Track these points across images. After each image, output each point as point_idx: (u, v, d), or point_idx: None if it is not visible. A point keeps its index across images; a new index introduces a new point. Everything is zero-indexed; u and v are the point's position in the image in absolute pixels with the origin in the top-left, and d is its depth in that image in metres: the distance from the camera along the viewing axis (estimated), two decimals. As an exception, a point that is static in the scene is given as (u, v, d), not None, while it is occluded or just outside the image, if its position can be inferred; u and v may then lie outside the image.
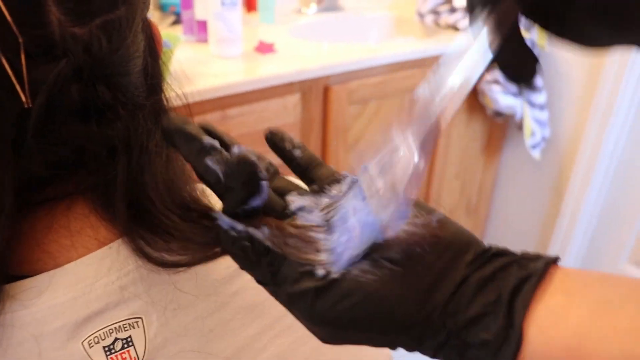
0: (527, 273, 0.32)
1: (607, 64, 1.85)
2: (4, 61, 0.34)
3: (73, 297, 0.41)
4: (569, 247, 2.18)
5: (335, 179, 0.42)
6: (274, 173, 0.44)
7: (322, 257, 0.35)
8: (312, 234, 0.37)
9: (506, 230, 2.44)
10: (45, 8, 0.35)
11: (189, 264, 0.42)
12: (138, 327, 0.43)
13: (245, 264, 0.38)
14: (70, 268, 0.42)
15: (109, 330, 0.42)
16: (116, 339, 0.42)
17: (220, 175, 0.37)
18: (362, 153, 0.38)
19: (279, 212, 0.40)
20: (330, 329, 0.35)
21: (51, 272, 0.42)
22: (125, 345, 0.42)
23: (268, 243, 0.36)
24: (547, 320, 0.30)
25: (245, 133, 1.40)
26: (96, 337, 0.42)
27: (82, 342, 0.41)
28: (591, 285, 0.31)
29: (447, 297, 0.32)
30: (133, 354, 0.43)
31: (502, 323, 0.30)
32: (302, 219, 0.39)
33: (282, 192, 0.42)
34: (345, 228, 0.37)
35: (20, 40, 0.34)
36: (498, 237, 2.47)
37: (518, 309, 0.30)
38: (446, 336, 0.32)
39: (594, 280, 0.31)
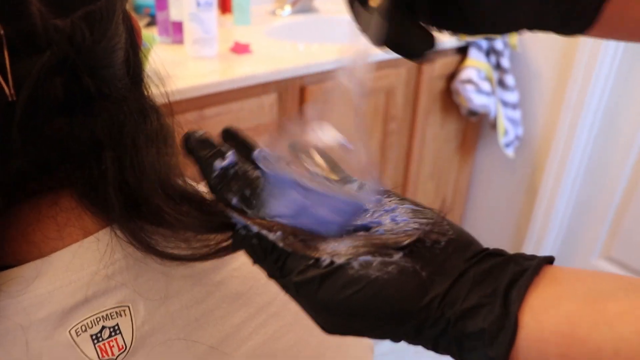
0: (523, 268, 0.33)
1: (576, 64, 1.89)
2: None
3: (60, 286, 0.41)
4: (543, 242, 2.21)
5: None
6: None
7: (325, 250, 0.37)
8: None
9: (481, 228, 2.47)
10: (26, 0, 0.34)
11: (193, 259, 0.43)
12: (125, 315, 0.43)
13: (255, 259, 0.39)
14: (56, 257, 0.42)
15: (96, 318, 0.42)
16: (103, 327, 0.42)
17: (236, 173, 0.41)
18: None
19: None
20: (334, 317, 0.35)
21: (37, 262, 0.41)
22: (113, 334, 0.42)
23: (278, 241, 0.37)
24: (541, 309, 0.31)
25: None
26: (83, 325, 0.42)
27: (69, 331, 0.41)
28: (582, 279, 0.32)
29: (445, 288, 0.33)
30: (120, 342, 0.43)
31: (498, 313, 0.31)
32: None
33: None
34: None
35: (1, 32, 0.34)
36: (473, 234, 2.49)
37: (513, 300, 0.31)
38: (445, 326, 0.33)
39: (585, 275, 0.33)
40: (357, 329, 0.36)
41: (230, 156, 0.41)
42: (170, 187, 0.44)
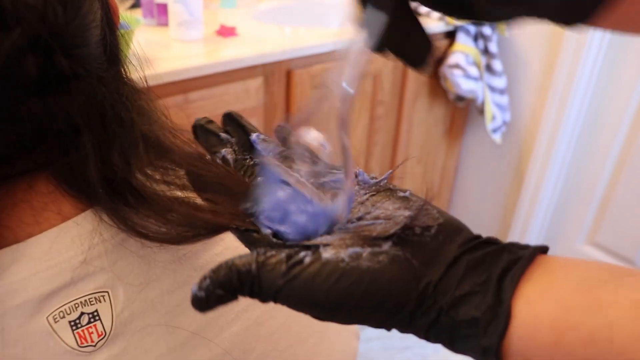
0: (516, 257, 0.33)
1: (564, 50, 1.88)
2: None
3: (36, 272, 0.40)
4: (530, 228, 2.22)
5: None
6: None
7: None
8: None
9: (468, 213, 2.47)
10: None
11: (174, 241, 0.42)
12: (104, 301, 0.42)
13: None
14: (32, 243, 0.41)
15: (74, 304, 0.41)
16: (82, 314, 0.41)
17: (231, 162, 0.44)
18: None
19: None
20: (327, 310, 0.34)
21: (12, 247, 0.40)
22: (92, 320, 0.42)
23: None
24: (534, 296, 0.31)
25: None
26: (61, 311, 0.41)
27: (46, 317, 0.40)
28: (575, 267, 0.32)
29: (439, 275, 0.33)
30: (100, 329, 0.42)
31: (490, 301, 0.31)
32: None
33: None
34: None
35: None
36: (461, 219, 2.50)
37: (506, 288, 0.31)
38: (437, 314, 0.32)
39: (578, 264, 0.33)
40: (351, 318, 0.35)
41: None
42: (157, 166, 0.44)
